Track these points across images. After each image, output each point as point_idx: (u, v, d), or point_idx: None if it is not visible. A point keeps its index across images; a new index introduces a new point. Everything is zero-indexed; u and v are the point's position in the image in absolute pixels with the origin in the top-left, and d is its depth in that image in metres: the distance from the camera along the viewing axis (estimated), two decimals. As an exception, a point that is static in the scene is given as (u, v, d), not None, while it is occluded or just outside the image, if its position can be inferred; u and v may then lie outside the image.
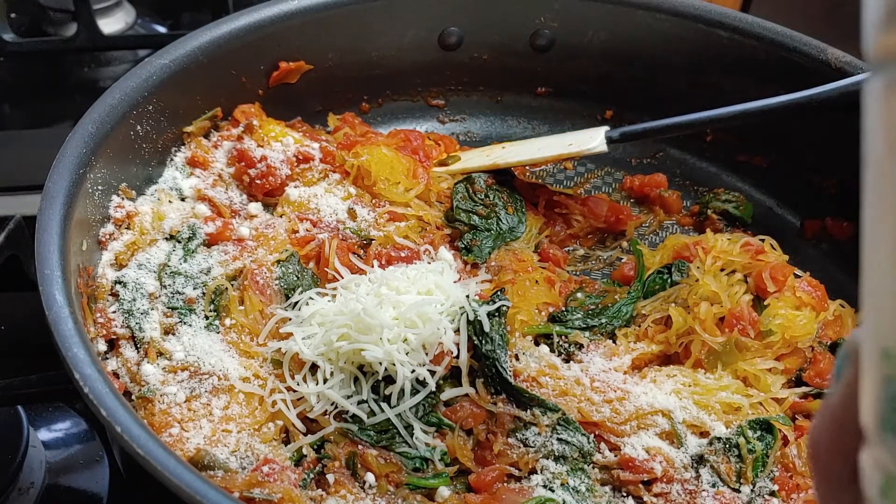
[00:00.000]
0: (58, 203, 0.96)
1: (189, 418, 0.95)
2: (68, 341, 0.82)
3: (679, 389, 1.03)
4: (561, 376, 1.03)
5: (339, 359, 0.98)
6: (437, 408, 0.98)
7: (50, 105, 1.77)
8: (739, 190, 1.42)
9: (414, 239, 1.17)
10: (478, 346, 0.99)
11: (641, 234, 1.37)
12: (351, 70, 1.43)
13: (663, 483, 0.95)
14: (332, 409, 0.97)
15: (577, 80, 1.49)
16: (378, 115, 1.50)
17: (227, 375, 0.98)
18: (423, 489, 0.93)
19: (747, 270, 1.16)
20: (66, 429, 1.14)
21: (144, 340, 1.01)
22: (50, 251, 0.91)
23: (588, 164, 1.48)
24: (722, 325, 1.09)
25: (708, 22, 1.38)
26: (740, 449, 0.97)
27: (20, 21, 1.83)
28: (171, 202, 1.18)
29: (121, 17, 1.87)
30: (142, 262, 1.08)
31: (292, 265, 1.10)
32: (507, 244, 1.22)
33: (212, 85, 1.27)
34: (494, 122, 1.55)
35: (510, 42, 1.47)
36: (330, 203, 1.18)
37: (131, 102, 1.14)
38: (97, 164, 1.06)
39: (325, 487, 0.92)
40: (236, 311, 1.05)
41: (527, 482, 0.95)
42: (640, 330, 1.14)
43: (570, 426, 0.97)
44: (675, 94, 1.42)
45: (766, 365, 1.06)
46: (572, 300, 1.17)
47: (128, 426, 0.75)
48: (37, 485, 1.05)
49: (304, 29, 1.34)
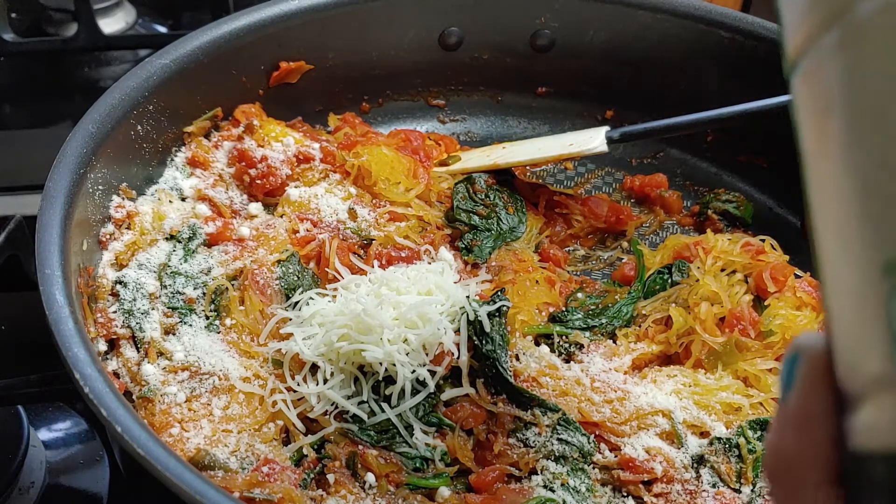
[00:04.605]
0: (58, 203, 0.96)
1: (189, 418, 0.95)
2: (68, 341, 0.82)
3: (679, 389, 1.03)
4: (561, 376, 1.03)
5: (340, 359, 0.98)
6: (438, 408, 0.98)
7: (50, 105, 1.77)
8: (740, 190, 1.42)
9: (414, 239, 1.17)
10: (478, 346, 0.99)
11: (642, 234, 1.37)
12: (351, 70, 1.43)
13: (663, 483, 0.95)
14: (332, 409, 0.97)
15: (577, 80, 1.49)
16: (378, 115, 1.50)
17: (228, 375, 0.98)
18: (423, 489, 0.93)
19: (748, 270, 1.16)
20: (67, 429, 1.14)
21: (145, 340, 1.01)
22: (50, 251, 0.91)
23: (588, 165, 1.47)
24: (722, 325, 1.09)
25: (708, 22, 1.38)
26: (740, 449, 0.97)
27: (20, 21, 1.83)
28: (172, 202, 1.18)
29: (121, 17, 1.87)
30: (142, 262, 1.08)
31: (293, 265, 1.10)
32: (508, 244, 1.22)
33: (212, 85, 1.27)
34: (495, 122, 1.55)
35: (510, 42, 1.47)
36: (330, 203, 1.18)
37: (132, 102, 1.14)
38: (97, 164, 1.06)
39: (326, 487, 0.92)
40: (237, 311, 1.05)
41: (527, 482, 0.95)
42: (641, 330, 1.14)
43: (571, 426, 0.97)
44: (676, 94, 1.42)
45: (766, 365, 1.06)
46: (573, 300, 1.17)
47: (128, 426, 0.75)
48: (37, 485, 1.05)
49: (305, 29, 1.34)
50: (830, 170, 0.36)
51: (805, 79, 0.38)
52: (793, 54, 0.38)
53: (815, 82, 0.37)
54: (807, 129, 0.38)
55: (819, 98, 0.36)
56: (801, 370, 0.39)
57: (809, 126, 0.38)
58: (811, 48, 0.37)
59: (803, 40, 0.37)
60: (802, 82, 0.38)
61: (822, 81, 0.36)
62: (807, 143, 0.38)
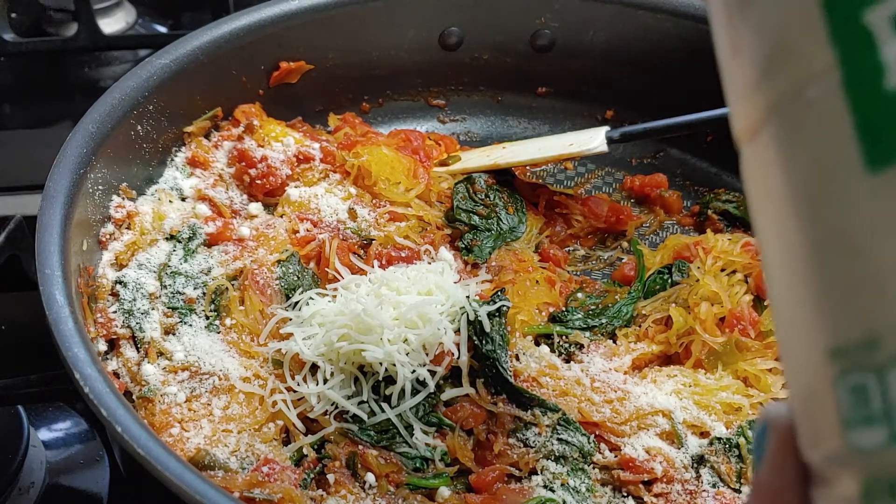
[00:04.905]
0: (58, 203, 0.96)
1: (189, 418, 0.95)
2: (68, 341, 0.82)
3: (679, 390, 1.03)
4: (561, 376, 1.03)
5: (340, 359, 0.98)
6: (438, 408, 0.98)
7: (50, 105, 1.77)
8: (740, 190, 1.42)
9: (414, 239, 1.17)
10: (478, 346, 0.99)
11: (642, 234, 1.37)
12: (351, 70, 1.42)
13: (663, 483, 0.95)
14: (332, 409, 0.97)
15: (577, 80, 1.49)
16: (378, 115, 1.50)
17: (228, 375, 0.98)
18: (423, 489, 0.93)
19: (748, 270, 1.16)
20: (67, 429, 1.14)
21: (145, 340, 1.01)
22: (50, 251, 0.91)
23: (588, 164, 1.47)
24: (722, 325, 1.09)
25: (708, 22, 1.38)
26: (741, 449, 0.97)
27: (20, 21, 1.83)
28: (172, 202, 1.18)
29: (121, 17, 1.87)
30: (142, 262, 1.08)
31: (293, 265, 1.10)
32: (508, 244, 1.22)
33: (212, 85, 1.27)
34: (495, 122, 1.55)
35: (510, 42, 1.46)
36: (330, 203, 1.18)
37: (132, 102, 1.14)
38: (97, 164, 1.06)
39: (326, 487, 0.92)
40: (237, 311, 1.05)
41: (527, 482, 0.95)
42: (641, 330, 1.14)
43: (571, 426, 0.97)
44: (676, 94, 1.42)
45: (766, 365, 1.06)
46: (573, 300, 1.17)
47: (128, 426, 0.75)
48: (37, 485, 1.05)
49: (305, 29, 1.34)
50: (778, 247, 0.36)
51: (749, 162, 0.39)
52: (738, 136, 0.40)
53: (756, 167, 0.38)
54: (755, 206, 0.39)
55: (762, 181, 0.37)
56: (770, 442, 0.40)
57: (757, 204, 0.38)
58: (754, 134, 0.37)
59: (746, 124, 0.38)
60: (747, 164, 0.39)
61: (763, 167, 0.37)
62: (756, 218, 0.39)
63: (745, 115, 0.38)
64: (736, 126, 0.40)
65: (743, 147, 0.39)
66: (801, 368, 0.36)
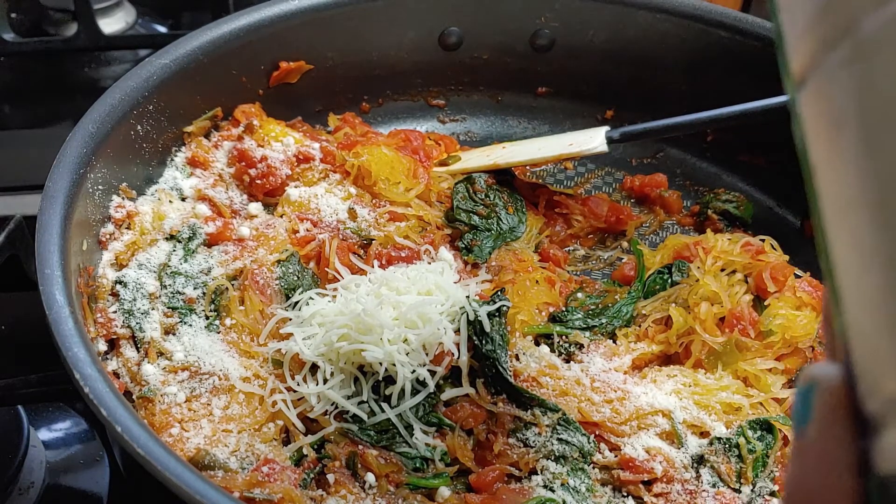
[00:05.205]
0: (58, 203, 0.96)
1: (189, 418, 0.95)
2: (68, 341, 0.82)
3: (679, 389, 1.03)
4: (561, 376, 1.03)
5: (340, 359, 0.98)
6: (438, 408, 0.98)
7: (50, 105, 1.77)
8: (740, 190, 1.42)
9: (414, 239, 1.17)
10: (478, 346, 0.99)
11: (642, 234, 1.37)
12: (351, 70, 1.43)
13: (663, 483, 0.95)
14: (332, 409, 0.97)
15: (577, 80, 1.49)
16: (378, 115, 1.50)
17: (228, 375, 0.98)
18: (423, 489, 0.93)
19: (748, 270, 1.16)
20: (67, 429, 1.14)
21: (145, 340, 1.02)
22: (50, 251, 0.91)
23: (588, 164, 1.48)
24: (722, 325, 1.10)
25: (708, 22, 1.38)
26: (741, 449, 0.97)
27: (20, 21, 1.83)
28: (172, 202, 1.18)
29: (121, 17, 1.87)
30: (142, 262, 1.08)
31: (292, 265, 1.10)
32: (508, 244, 1.22)
33: (212, 85, 1.27)
34: (495, 122, 1.55)
35: (510, 42, 1.47)
36: (330, 203, 1.18)
37: (132, 102, 1.14)
38: (97, 164, 1.06)
39: (326, 487, 0.92)
40: (236, 311, 1.05)
41: (527, 482, 0.95)
42: (641, 330, 1.14)
43: (571, 426, 0.97)
44: (676, 94, 1.42)
45: (766, 365, 1.06)
46: (573, 300, 1.17)
47: (128, 426, 0.75)
48: (37, 485, 1.05)
49: (305, 29, 1.34)
50: (845, 181, 0.36)
51: (813, 95, 0.38)
52: (798, 73, 0.39)
53: (825, 98, 0.37)
54: (817, 142, 0.38)
55: (831, 113, 0.37)
56: (819, 401, 0.39)
57: (820, 140, 0.38)
58: (818, 66, 0.37)
59: (809, 59, 0.38)
60: (811, 99, 0.39)
61: (833, 96, 0.37)
62: (816, 155, 0.38)
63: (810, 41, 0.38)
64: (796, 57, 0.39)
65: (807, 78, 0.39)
66: (870, 305, 0.36)
